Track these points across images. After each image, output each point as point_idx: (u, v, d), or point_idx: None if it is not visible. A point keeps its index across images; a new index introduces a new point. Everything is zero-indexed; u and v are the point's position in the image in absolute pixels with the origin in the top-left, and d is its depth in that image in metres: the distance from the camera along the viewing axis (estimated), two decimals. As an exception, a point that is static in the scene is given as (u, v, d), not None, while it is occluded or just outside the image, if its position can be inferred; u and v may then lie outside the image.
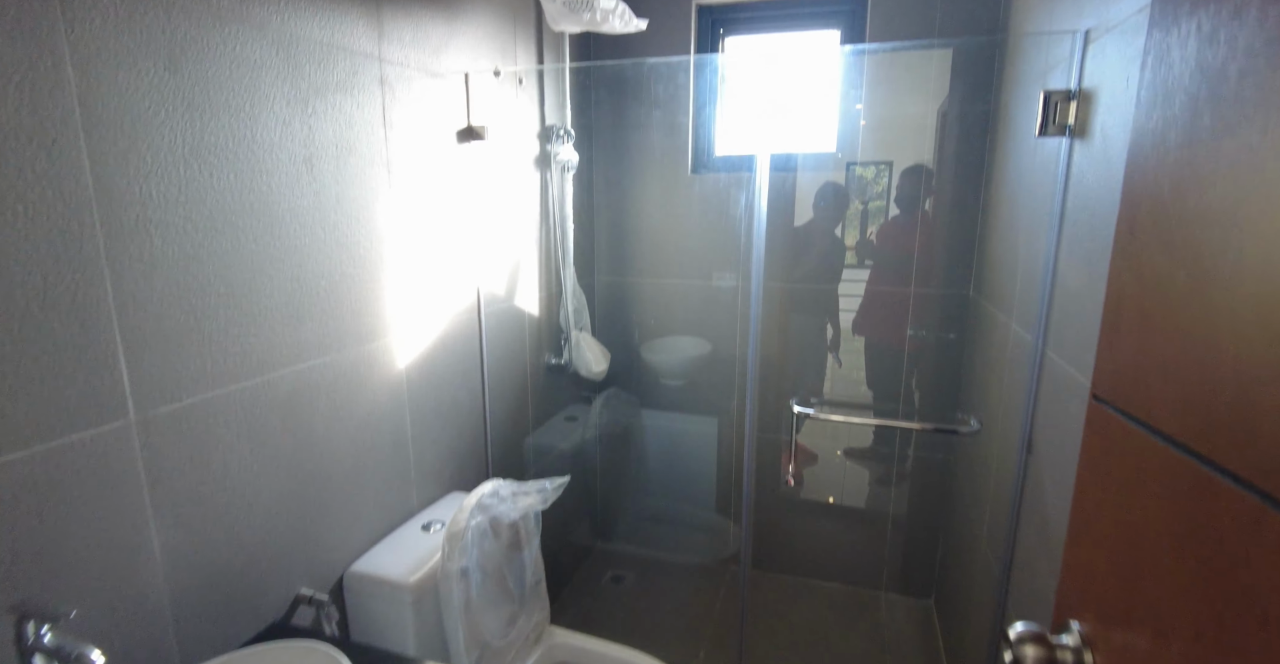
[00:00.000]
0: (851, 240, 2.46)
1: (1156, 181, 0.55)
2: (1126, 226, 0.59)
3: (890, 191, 2.33)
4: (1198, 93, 0.51)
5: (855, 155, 2.34)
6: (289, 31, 1.16)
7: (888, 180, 2.34)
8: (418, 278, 1.57)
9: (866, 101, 2.27)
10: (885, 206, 2.37)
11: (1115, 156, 1.06)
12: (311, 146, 1.23)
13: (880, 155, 2.33)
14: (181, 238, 1.00)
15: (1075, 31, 1.27)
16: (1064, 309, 1.29)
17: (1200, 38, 0.50)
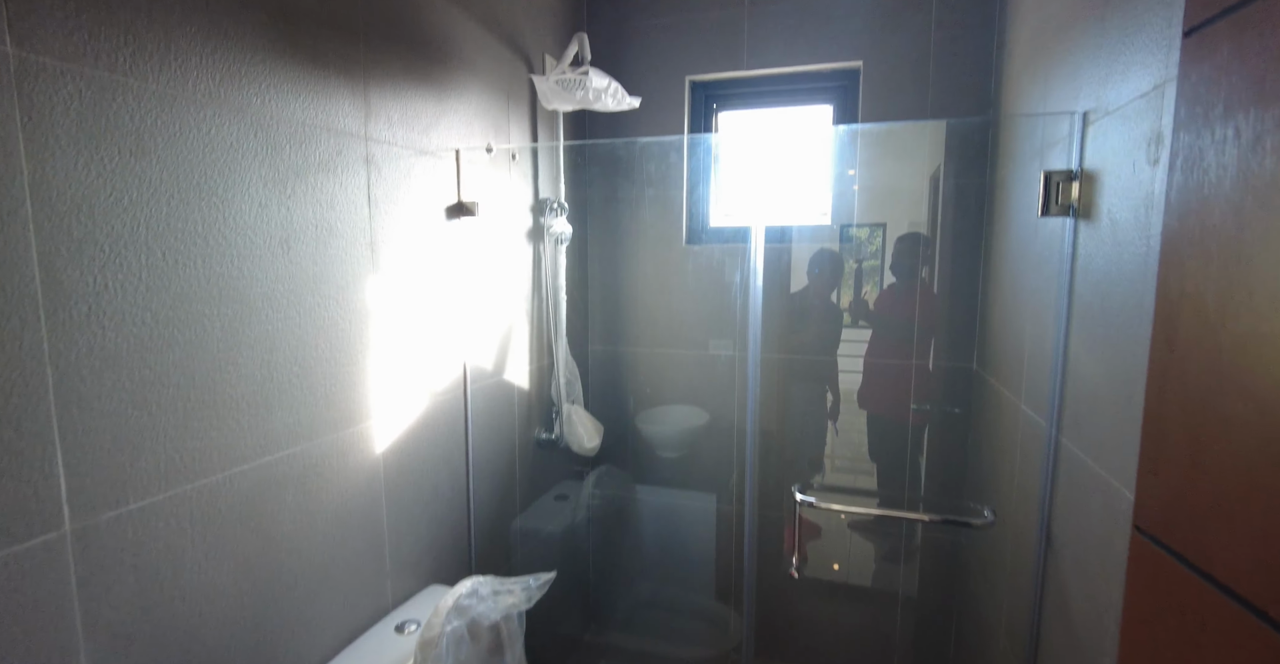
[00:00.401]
0: (847, 301, 2.42)
1: (1199, 295, 0.49)
2: (1164, 341, 0.53)
3: (885, 253, 2.31)
4: (1242, 204, 0.45)
5: (849, 218, 2.32)
6: (270, 113, 1.13)
7: (881, 240, 2.31)
8: (401, 357, 1.50)
9: (860, 168, 2.27)
10: (880, 267, 2.33)
11: (1126, 243, 1.02)
12: (289, 228, 1.18)
13: (874, 218, 2.31)
14: (139, 329, 0.93)
15: (1073, 113, 1.25)
16: (1079, 396, 1.22)
17: (1241, 145, 0.45)
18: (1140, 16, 0.99)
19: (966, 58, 2.06)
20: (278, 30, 1.13)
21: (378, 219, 1.40)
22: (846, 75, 2.24)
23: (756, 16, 2.25)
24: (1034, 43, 1.60)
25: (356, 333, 1.36)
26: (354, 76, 1.32)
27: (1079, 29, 1.27)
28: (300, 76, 1.18)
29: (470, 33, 1.70)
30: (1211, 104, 0.48)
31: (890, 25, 2.12)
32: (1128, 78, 1.04)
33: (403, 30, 1.45)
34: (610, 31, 2.42)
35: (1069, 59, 1.32)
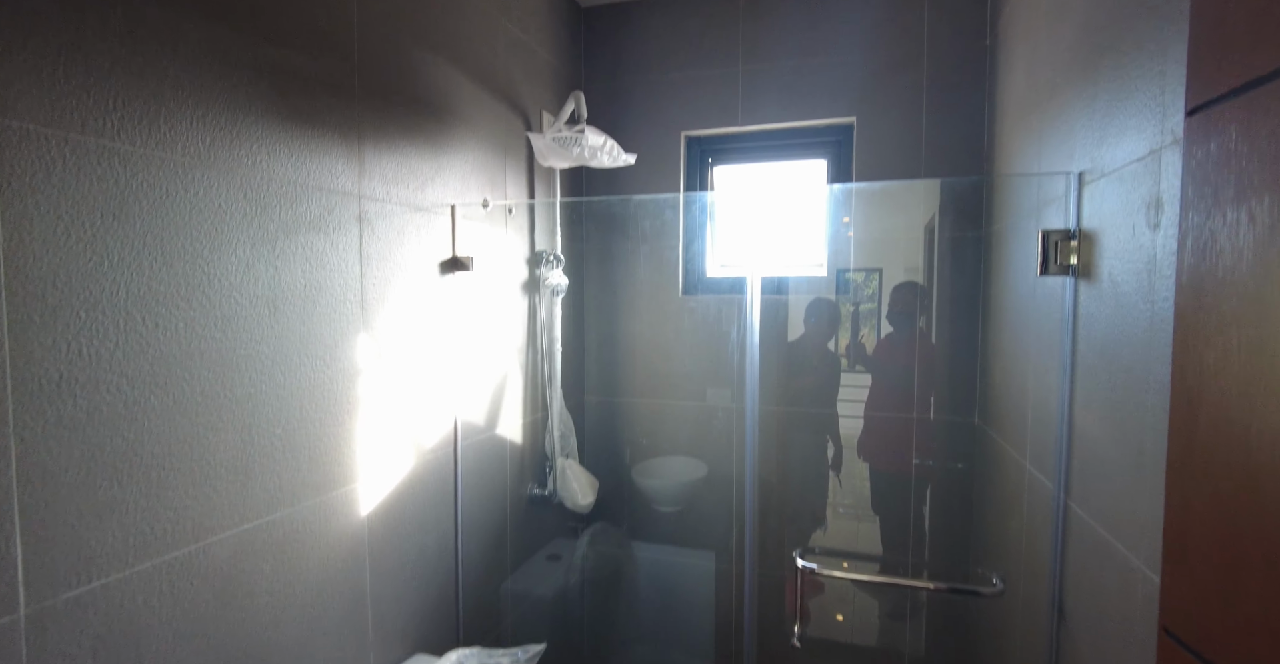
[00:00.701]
0: (844, 344, 2.39)
1: (1220, 391, 0.46)
2: (1183, 437, 0.50)
3: (881, 297, 2.29)
4: (1263, 294, 0.43)
5: (846, 263, 2.31)
6: (260, 173, 1.12)
7: (877, 284, 2.30)
8: (390, 414, 1.46)
9: (855, 216, 2.28)
10: (877, 310, 2.31)
11: (1130, 306, 1.00)
12: (277, 288, 1.16)
13: (870, 263, 2.30)
14: (113, 397, 0.90)
15: (1069, 173, 1.25)
16: (1086, 459, 1.18)
17: (1257, 232, 0.43)
18: (1131, 83, 1.00)
19: (959, 113, 2.09)
20: (271, 91, 1.14)
21: (369, 276, 1.39)
22: (840, 131, 2.27)
23: (750, 74, 2.29)
24: (1025, 101, 1.62)
25: (344, 392, 1.33)
26: (348, 135, 1.32)
27: (1070, 90, 1.28)
28: (293, 136, 1.18)
29: (467, 90, 1.72)
30: (1221, 185, 0.47)
31: (882, 82, 2.16)
32: (1122, 141, 1.03)
33: (398, 89, 1.46)
34: (607, 88, 2.46)
35: (1061, 119, 1.33)
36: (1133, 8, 1.00)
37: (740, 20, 2.29)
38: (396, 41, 1.45)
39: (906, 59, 2.13)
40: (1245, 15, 0.44)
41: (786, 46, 2.25)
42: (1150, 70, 0.94)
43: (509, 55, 1.93)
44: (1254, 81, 0.43)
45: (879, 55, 2.16)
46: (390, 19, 1.42)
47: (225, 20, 1.05)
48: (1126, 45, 1.02)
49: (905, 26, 2.13)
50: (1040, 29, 1.50)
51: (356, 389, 1.37)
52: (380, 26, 1.40)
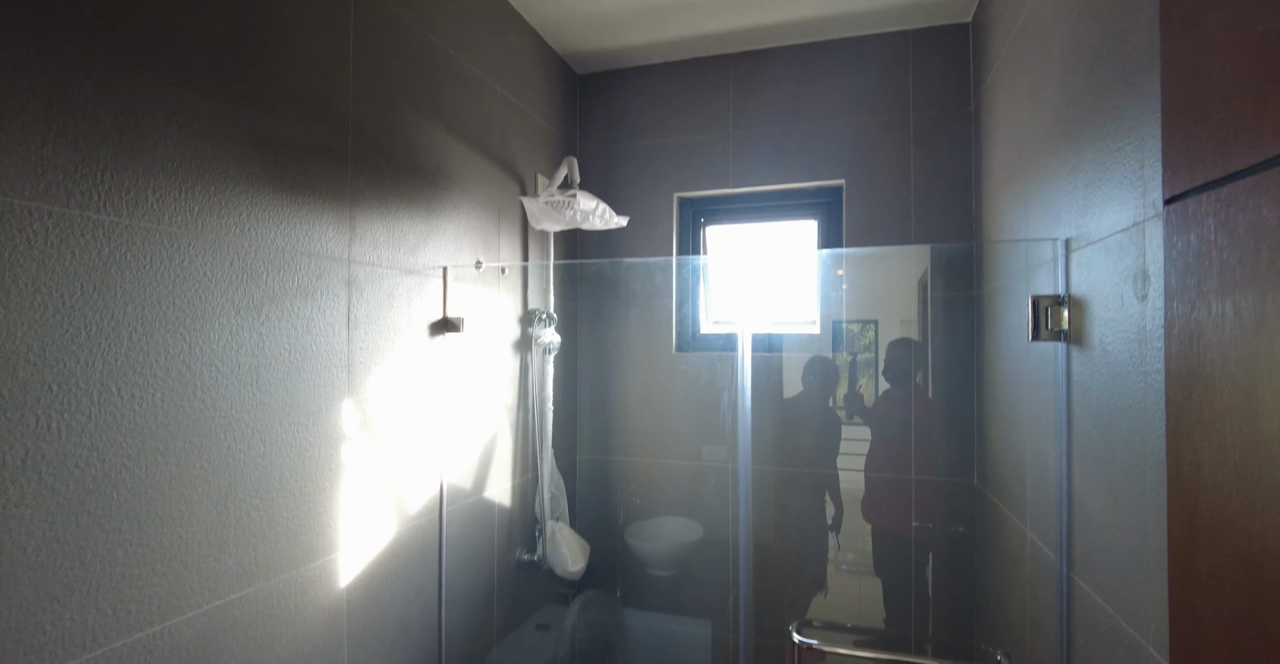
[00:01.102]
0: (842, 394, 2.36)
1: (1219, 488, 0.44)
2: (1184, 529, 0.48)
3: (878, 347, 2.28)
4: (1253, 390, 0.41)
5: (841, 316, 2.31)
6: (249, 241, 1.12)
7: (874, 335, 2.29)
8: (374, 481, 1.43)
9: (849, 271, 2.29)
10: (874, 360, 2.29)
11: (1123, 375, 0.98)
12: (260, 355, 1.15)
13: (865, 316, 2.30)
14: (81, 472, 0.87)
15: (1055, 240, 1.26)
16: (1087, 530, 1.14)
17: (1243, 327, 0.42)
18: (1111, 154, 1.01)
19: (946, 176, 2.12)
20: (263, 160, 1.15)
21: (356, 340, 1.37)
22: (830, 193, 2.31)
23: (741, 138, 2.34)
24: (1010, 166, 1.65)
25: (326, 459, 1.30)
26: (340, 201, 1.33)
27: (1053, 158, 1.30)
28: (283, 203, 1.19)
29: (461, 155, 1.75)
30: (1204, 276, 0.46)
31: (870, 146, 2.21)
32: (1106, 211, 1.04)
33: (392, 155, 1.49)
34: (601, 151, 2.51)
35: (1046, 185, 1.35)
36: (1109, 81, 1.02)
37: (730, 86, 2.36)
38: (391, 110, 1.48)
39: (893, 124, 2.19)
40: (1215, 108, 0.44)
41: (775, 112, 2.31)
42: (1129, 143, 0.95)
43: (504, 121, 1.97)
44: (1228, 176, 0.42)
45: (866, 120, 2.21)
46: (385, 88, 1.46)
47: (222, 93, 1.07)
48: (1104, 117, 1.04)
49: (891, 93, 2.19)
50: (1022, 97, 1.54)
51: (340, 455, 1.33)
52: (375, 95, 1.43)
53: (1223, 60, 0.43)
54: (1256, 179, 0.40)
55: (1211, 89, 0.45)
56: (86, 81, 0.87)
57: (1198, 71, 0.46)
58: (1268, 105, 0.39)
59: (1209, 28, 0.45)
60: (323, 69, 1.28)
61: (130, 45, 0.93)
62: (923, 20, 2.13)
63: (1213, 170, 0.44)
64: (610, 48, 2.33)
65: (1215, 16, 0.44)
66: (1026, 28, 1.50)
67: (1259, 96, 0.40)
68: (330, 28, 1.30)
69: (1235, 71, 0.42)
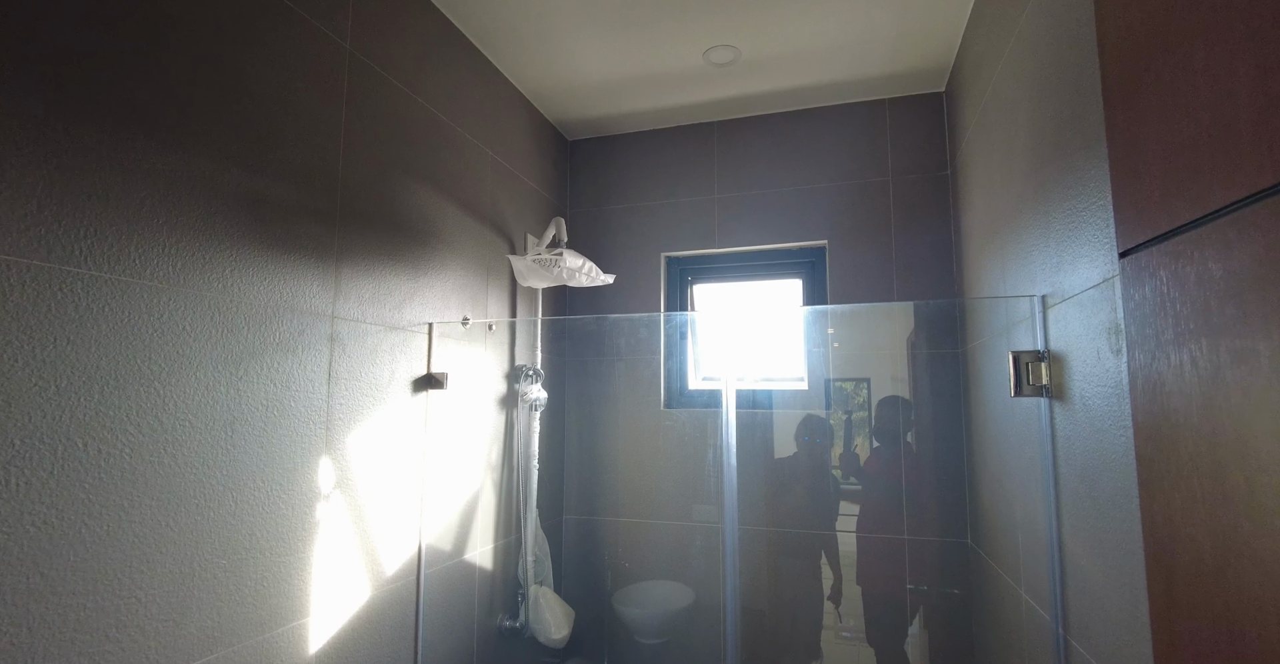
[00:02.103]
0: (837, 455, 2.32)
1: (1192, 539, 0.43)
2: (1162, 591, 0.46)
3: (871, 406, 2.26)
4: (1217, 439, 0.41)
5: (833, 373, 2.30)
6: (231, 296, 1.13)
7: (867, 393, 2.27)
8: (350, 541, 1.38)
9: (839, 329, 2.30)
10: (868, 419, 2.27)
11: (1105, 429, 0.98)
12: (237, 410, 1.13)
13: (857, 373, 2.29)
14: (37, 531, 0.84)
15: (1032, 297, 1.28)
16: (1080, 592, 1.11)
17: (1200, 376, 0.42)
18: (1078, 215, 1.04)
19: (926, 236, 2.17)
20: (249, 219, 1.17)
21: (336, 397, 1.36)
22: (813, 253, 2.35)
23: (725, 201, 2.41)
24: (986, 227, 1.69)
25: (300, 519, 1.26)
26: (325, 258, 1.34)
27: (1026, 217, 1.33)
28: (268, 261, 1.20)
29: (451, 216, 1.79)
30: (1161, 328, 0.46)
31: (851, 208, 2.26)
32: (1077, 268, 1.06)
33: (381, 214, 1.51)
34: (591, 212, 2.57)
35: (1021, 244, 1.38)
36: (1072, 146, 1.06)
37: (715, 152, 2.44)
38: (382, 173, 1.52)
39: (873, 187, 2.25)
40: (1155, 172, 0.46)
41: (759, 175, 2.38)
42: (1094, 203, 0.98)
43: (495, 184, 2.02)
44: (1172, 230, 0.44)
45: (847, 184, 2.28)
46: (376, 153, 1.50)
47: (212, 155, 1.09)
48: (1070, 178, 1.07)
49: (870, 158, 2.26)
50: (994, 161, 1.59)
51: (315, 514, 1.30)
52: (366, 160, 1.46)
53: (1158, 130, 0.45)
54: (1197, 233, 0.41)
55: (1151, 155, 0.46)
56: (78, 144, 0.89)
57: (1137, 140, 0.48)
58: (1199, 170, 0.41)
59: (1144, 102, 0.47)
60: (314, 134, 1.32)
61: (122, 110, 0.96)
62: (899, 90, 2.23)
63: (1159, 224, 0.46)
64: (599, 116, 2.42)
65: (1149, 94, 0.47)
66: (994, 97, 1.57)
67: (1191, 163, 0.41)
68: (323, 95, 1.35)
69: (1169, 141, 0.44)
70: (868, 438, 2.30)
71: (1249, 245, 0.37)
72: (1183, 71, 0.43)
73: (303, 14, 1.30)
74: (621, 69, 2.09)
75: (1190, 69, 0.42)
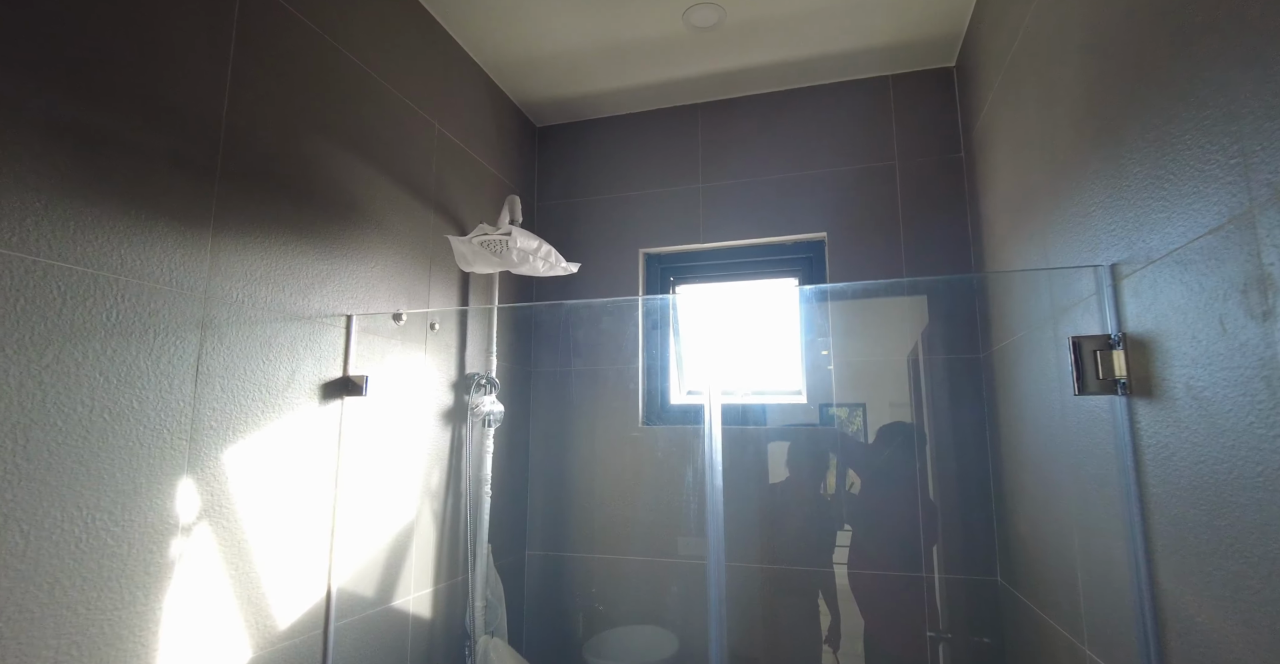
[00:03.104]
0: (832, 486, 2.01)
1: None
2: None
3: (867, 434, 1.96)
4: None
5: (827, 397, 2.00)
6: (34, 259, 0.83)
7: (862, 420, 1.97)
8: (221, 588, 1.06)
9: (833, 345, 2.01)
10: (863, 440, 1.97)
11: (1236, 430, 0.69)
12: (35, 414, 0.82)
13: (853, 398, 1.99)
14: None
15: (1096, 267, 1.00)
16: (1191, 660, 0.81)
17: None
18: (1177, 147, 0.77)
19: (939, 226, 1.91)
20: (75, 159, 0.88)
21: (208, 400, 1.06)
22: (811, 247, 2.08)
23: (711, 191, 2.14)
24: (1018, 207, 1.42)
25: (142, 559, 0.95)
26: (197, 221, 1.05)
27: (1082, 181, 1.06)
28: (105, 213, 0.91)
29: (385, 192, 1.50)
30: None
31: (854, 197, 2.00)
32: (1176, 218, 0.78)
33: (284, 179, 1.23)
34: (560, 205, 2.30)
35: (1073, 214, 1.10)
36: (1163, 77, 0.79)
37: (699, 137, 2.18)
38: (286, 127, 1.23)
39: (878, 173, 1.99)
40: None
41: (748, 162, 2.12)
42: (1210, 120, 0.71)
43: (444, 162, 1.74)
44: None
45: (847, 169, 2.02)
46: (277, 101, 1.22)
47: (18, 68, 0.81)
48: (1160, 118, 0.80)
49: (874, 140, 2.01)
50: (1027, 132, 1.33)
51: (168, 552, 0.98)
52: (262, 107, 1.18)
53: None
54: None
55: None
56: None
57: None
58: None
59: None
60: (184, 63, 1.04)
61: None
62: (904, 65, 1.98)
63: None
64: (569, 96, 2.16)
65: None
66: (1022, 60, 1.33)
67: None
68: (203, 17, 1.07)
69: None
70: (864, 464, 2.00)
71: None
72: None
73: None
74: (592, 35, 1.83)
75: None
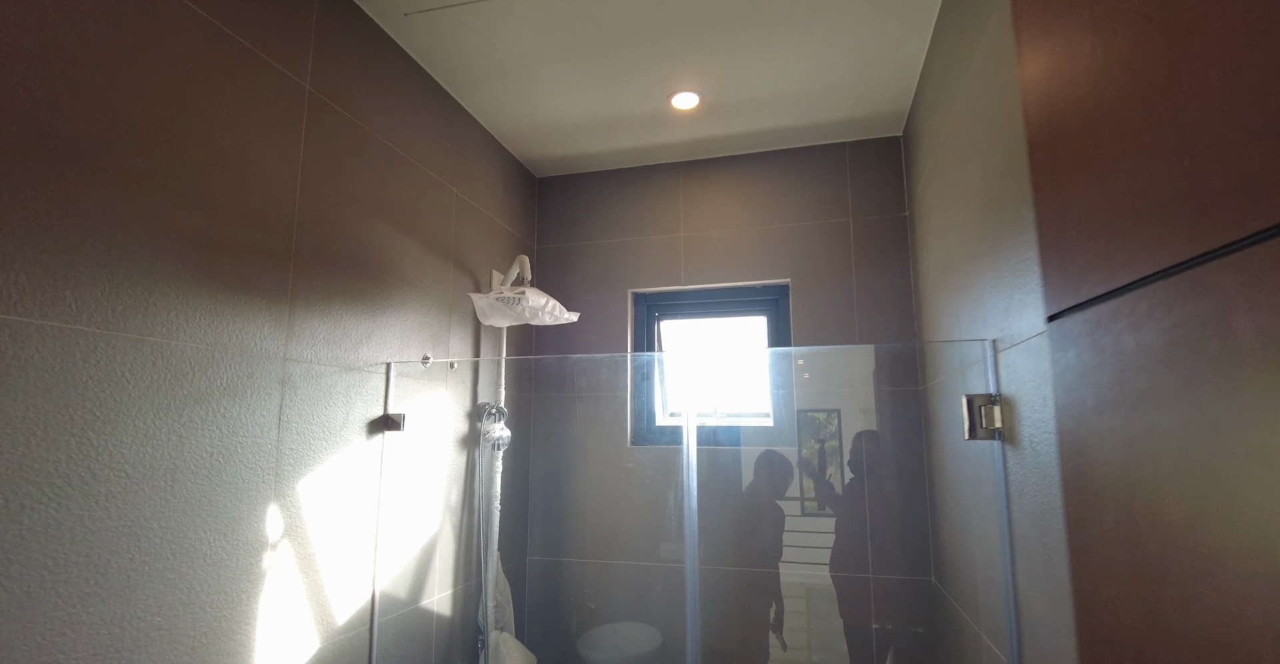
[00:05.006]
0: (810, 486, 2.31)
1: (1116, 610, 0.43)
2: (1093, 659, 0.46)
3: (842, 436, 2.26)
4: (1131, 507, 0.41)
5: (805, 404, 2.30)
6: (177, 340, 1.10)
7: (837, 424, 2.27)
8: (297, 591, 1.33)
9: (805, 362, 2.31)
10: (839, 447, 2.26)
11: (1051, 475, 0.99)
12: (179, 458, 1.09)
13: (828, 404, 2.29)
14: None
15: (983, 341, 1.30)
16: (1036, 638, 1.11)
17: (1116, 443, 0.43)
18: (1025, 263, 1.07)
19: (886, 275, 2.21)
20: (197, 260, 1.14)
21: (287, 442, 1.33)
22: (777, 290, 2.38)
23: (691, 240, 2.43)
24: (943, 267, 1.73)
25: (245, 569, 1.21)
26: (279, 299, 1.32)
27: (979, 263, 1.36)
28: (216, 303, 1.18)
29: (413, 254, 1.77)
30: (1084, 396, 0.47)
31: (814, 248, 2.30)
32: (1024, 315, 1.08)
33: (339, 254, 1.50)
34: (558, 248, 2.57)
35: (974, 288, 1.41)
36: (1017, 198, 1.09)
37: (681, 191, 2.47)
38: (340, 210, 1.50)
39: (834, 227, 2.30)
40: (1077, 234, 0.47)
41: (723, 215, 2.41)
42: (1035, 255, 1.01)
43: (460, 221, 2.02)
44: (1093, 299, 0.45)
45: (808, 224, 2.32)
46: (334, 191, 1.49)
47: (156, 195, 1.08)
48: (1017, 227, 1.10)
49: (831, 199, 2.31)
50: (949, 205, 1.64)
51: (261, 563, 1.25)
52: (323, 198, 1.45)
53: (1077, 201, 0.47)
54: (1113, 304, 0.42)
55: (1071, 223, 0.48)
56: (10, 179, 0.87)
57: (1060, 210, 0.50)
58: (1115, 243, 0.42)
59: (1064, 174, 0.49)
60: (270, 174, 1.31)
61: (62, 145, 0.94)
62: (858, 134, 2.29)
63: (1080, 292, 0.47)
64: (567, 155, 2.44)
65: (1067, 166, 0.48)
66: (947, 144, 1.62)
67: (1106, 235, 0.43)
68: (280, 135, 1.34)
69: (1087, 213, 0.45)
70: (840, 468, 2.29)
71: (1156, 321, 0.38)
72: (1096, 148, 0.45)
73: (262, 55, 1.30)
74: (589, 111, 2.12)
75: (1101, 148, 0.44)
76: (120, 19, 1.02)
